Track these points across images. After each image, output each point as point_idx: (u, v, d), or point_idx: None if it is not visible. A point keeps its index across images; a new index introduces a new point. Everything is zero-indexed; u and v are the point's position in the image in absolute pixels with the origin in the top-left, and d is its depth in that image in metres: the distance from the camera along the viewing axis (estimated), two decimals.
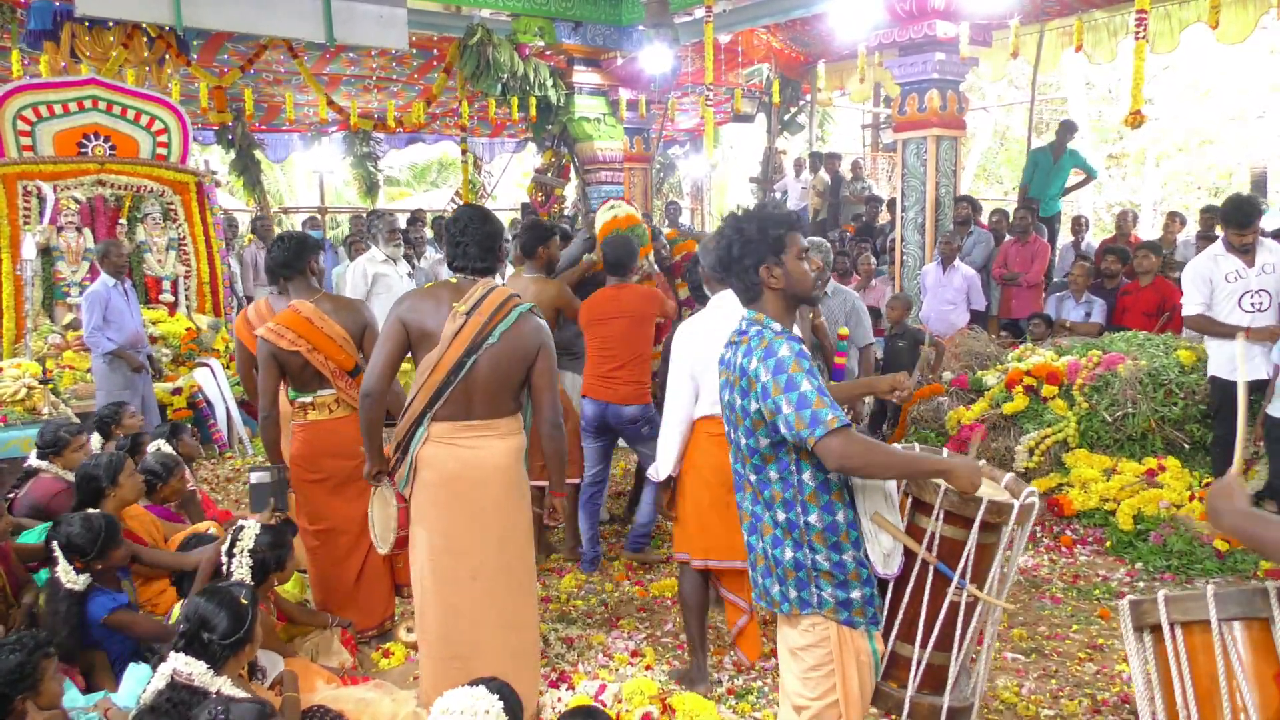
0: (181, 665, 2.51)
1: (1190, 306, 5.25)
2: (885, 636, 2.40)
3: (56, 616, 3.13)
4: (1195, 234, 8.58)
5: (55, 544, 3.20)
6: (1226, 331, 5.04)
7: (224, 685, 2.53)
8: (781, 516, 2.36)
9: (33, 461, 4.37)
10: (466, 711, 2.30)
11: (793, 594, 2.37)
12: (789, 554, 2.36)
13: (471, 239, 3.23)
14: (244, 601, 2.63)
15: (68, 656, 3.08)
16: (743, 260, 2.42)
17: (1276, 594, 1.71)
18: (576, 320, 4.93)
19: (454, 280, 3.28)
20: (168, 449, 4.56)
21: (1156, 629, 1.87)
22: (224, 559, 3.37)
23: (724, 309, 3.46)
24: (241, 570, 3.31)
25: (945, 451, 2.55)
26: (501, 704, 2.34)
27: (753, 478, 2.42)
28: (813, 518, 2.32)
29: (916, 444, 2.68)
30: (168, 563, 3.82)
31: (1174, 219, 9.17)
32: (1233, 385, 5.02)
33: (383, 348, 3.20)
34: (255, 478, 3.85)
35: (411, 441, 3.18)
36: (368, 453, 3.31)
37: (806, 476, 2.32)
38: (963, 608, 2.38)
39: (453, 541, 3.20)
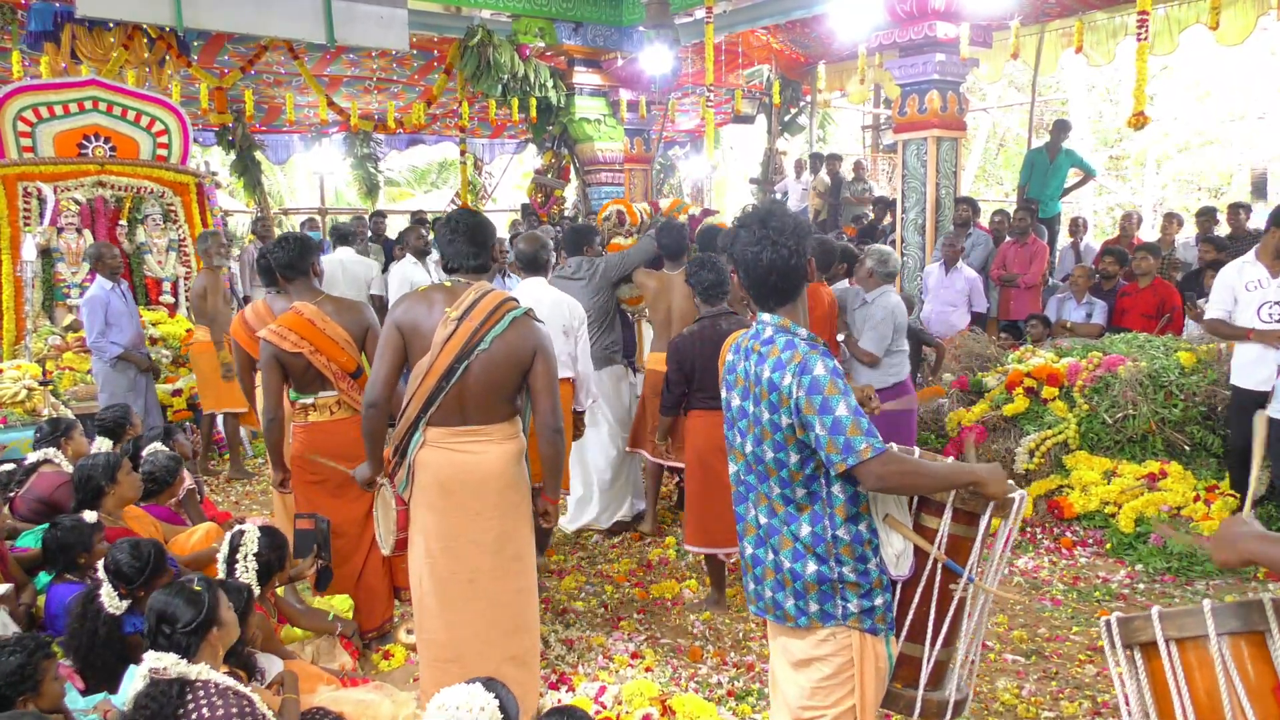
0: (155, 661, 2.52)
1: (1211, 310, 5.22)
2: (895, 638, 2.40)
3: (95, 637, 3.11)
4: (1195, 236, 8.57)
5: (102, 565, 3.20)
6: (1238, 334, 5.03)
7: (202, 671, 2.53)
8: (805, 530, 2.29)
9: (34, 455, 4.37)
10: (462, 708, 2.29)
11: (813, 608, 2.31)
12: (812, 568, 2.28)
13: (463, 237, 3.20)
14: (198, 589, 2.63)
15: (109, 676, 3.06)
16: (804, 254, 2.34)
17: (1273, 607, 1.70)
18: None
19: (448, 283, 3.25)
20: (165, 450, 4.56)
21: (1148, 646, 1.84)
22: (223, 565, 3.37)
23: (529, 295, 4.21)
24: (247, 575, 3.32)
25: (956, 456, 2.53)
26: (497, 702, 2.33)
27: (775, 491, 2.32)
28: (841, 531, 2.27)
29: (917, 449, 2.68)
30: (191, 563, 3.85)
31: (1172, 220, 9.16)
32: (1247, 393, 4.98)
33: (383, 357, 3.18)
34: (300, 524, 3.83)
35: (409, 446, 3.18)
36: (368, 459, 3.33)
37: (836, 490, 2.26)
38: (968, 602, 2.40)
39: (449, 545, 3.20)
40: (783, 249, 2.31)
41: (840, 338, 5.41)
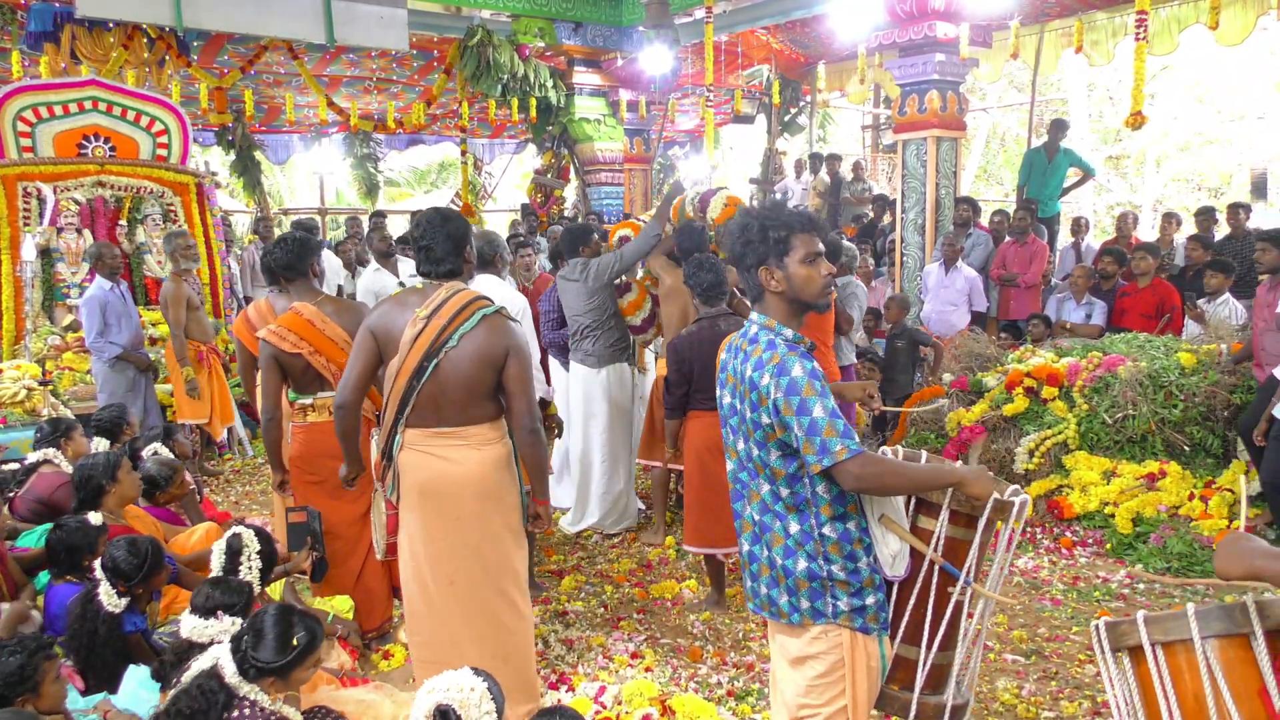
0: (223, 657, 2.54)
1: None
2: (890, 639, 2.39)
3: (95, 637, 3.12)
4: (1188, 236, 8.54)
5: (99, 565, 3.20)
6: None
7: (253, 692, 2.53)
8: (795, 528, 2.30)
9: (34, 455, 4.37)
10: (453, 689, 2.33)
11: (805, 605, 2.32)
12: (802, 565, 2.30)
13: (434, 242, 3.15)
14: (296, 642, 2.60)
15: (110, 676, 3.07)
16: (744, 260, 2.36)
17: (1256, 609, 1.71)
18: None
19: (420, 285, 3.23)
20: (166, 453, 4.56)
21: (1135, 650, 1.85)
22: (221, 570, 3.36)
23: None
24: (252, 575, 3.33)
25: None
26: (485, 684, 2.37)
27: (764, 489, 2.34)
28: (827, 529, 2.28)
29: (924, 453, 2.67)
30: (191, 563, 3.87)
31: (1171, 220, 9.15)
32: None
33: (355, 360, 3.18)
34: (293, 518, 3.83)
35: (391, 449, 3.18)
36: (345, 459, 3.33)
37: (821, 489, 2.27)
38: (965, 605, 2.39)
39: (428, 548, 3.18)
40: (729, 246, 2.38)
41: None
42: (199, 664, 2.59)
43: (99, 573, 3.18)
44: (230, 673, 2.51)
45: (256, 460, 7.42)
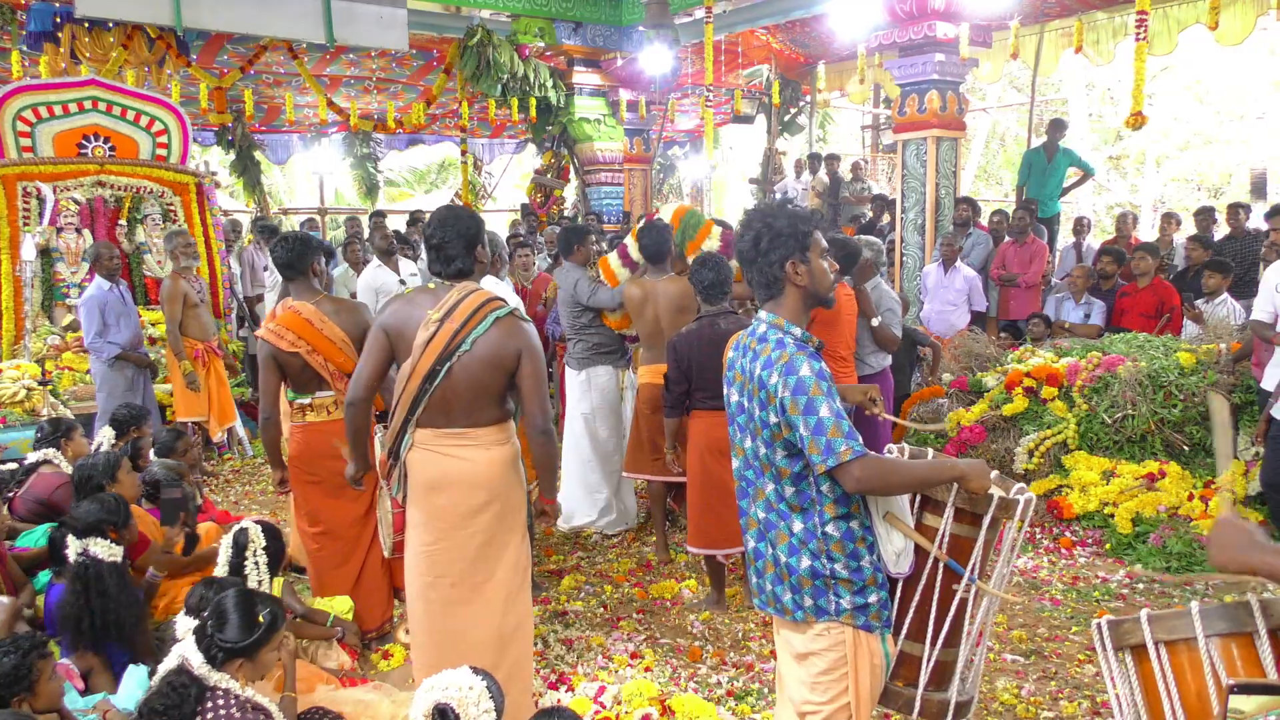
0: (189, 651, 2.54)
1: (1256, 312, 5.12)
2: (894, 636, 2.40)
3: (105, 599, 3.13)
4: (1187, 236, 8.53)
5: (71, 535, 3.21)
6: (1270, 337, 4.95)
7: (223, 680, 2.53)
8: (798, 526, 2.31)
9: (34, 455, 4.38)
10: (451, 687, 2.35)
11: (808, 602, 2.33)
12: (805, 563, 2.30)
13: (446, 240, 3.13)
14: (262, 619, 2.60)
15: (131, 638, 3.08)
16: (770, 254, 2.34)
17: (1260, 608, 1.71)
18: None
19: (431, 286, 3.21)
20: (172, 461, 4.57)
21: (1138, 648, 1.86)
22: (226, 565, 3.37)
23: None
24: (258, 571, 3.35)
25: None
26: (485, 683, 2.38)
27: (770, 487, 2.35)
28: (830, 528, 2.28)
29: (930, 451, 2.68)
30: (195, 561, 3.90)
31: (1170, 220, 9.15)
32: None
33: (367, 358, 3.18)
34: (166, 494, 3.95)
35: (400, 447, 3.18)
36: (352, 457, 3.33)
37: (825, 488, 2.28)
38: (970, 603, 2.40)
39: (431, 547, 3.18)
40: (744, 242, 2.39)
41: (875, 322, 5.25)
42: (166, 662, 2.60)
43: (76, 545, 3.18)
44: (198, 663, 2.52)
45: (256, 460, 7.42)
